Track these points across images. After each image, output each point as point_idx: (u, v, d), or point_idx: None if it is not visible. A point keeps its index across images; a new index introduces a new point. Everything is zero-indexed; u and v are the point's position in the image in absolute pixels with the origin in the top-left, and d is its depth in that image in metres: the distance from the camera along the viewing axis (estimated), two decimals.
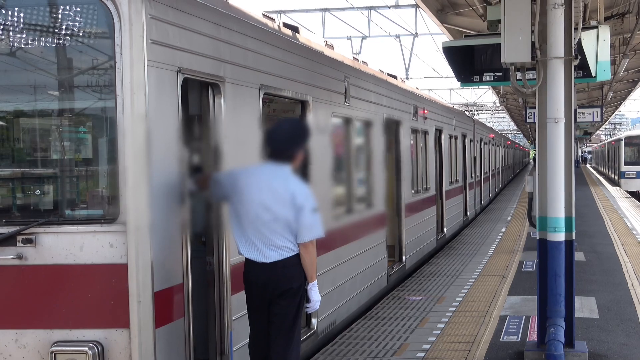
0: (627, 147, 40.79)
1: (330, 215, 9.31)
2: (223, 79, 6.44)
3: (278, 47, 7.89)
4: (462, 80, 9.47)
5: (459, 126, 21.53)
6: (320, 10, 26.32)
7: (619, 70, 21.24)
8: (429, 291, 11.88)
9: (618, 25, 16.65)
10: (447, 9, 17.66)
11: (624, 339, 8.90)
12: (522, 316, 10.00)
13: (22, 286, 5.41)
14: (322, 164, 9.04)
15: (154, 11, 5.47)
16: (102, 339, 5.31)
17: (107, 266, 5.32)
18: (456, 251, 16.48)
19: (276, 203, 5.77)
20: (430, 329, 9.42)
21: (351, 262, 10.20)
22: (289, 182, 5.85)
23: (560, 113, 7.78)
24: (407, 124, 13.97)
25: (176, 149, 5.75)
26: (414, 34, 28.01)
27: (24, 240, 5.39)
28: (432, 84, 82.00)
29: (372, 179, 11.45)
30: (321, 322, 8.88)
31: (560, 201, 7.83)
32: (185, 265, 5.80)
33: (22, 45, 5.47)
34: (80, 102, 5.68)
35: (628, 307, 10.49)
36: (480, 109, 59.32)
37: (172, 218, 5.69)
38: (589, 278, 12.70)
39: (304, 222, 5.78)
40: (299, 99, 8.39)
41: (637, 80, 33.69)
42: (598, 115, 23.40)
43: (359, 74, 10.99)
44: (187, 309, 5.82)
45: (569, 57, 7.81)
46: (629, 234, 18.83)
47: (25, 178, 5.85)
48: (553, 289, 7.88)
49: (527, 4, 7.59)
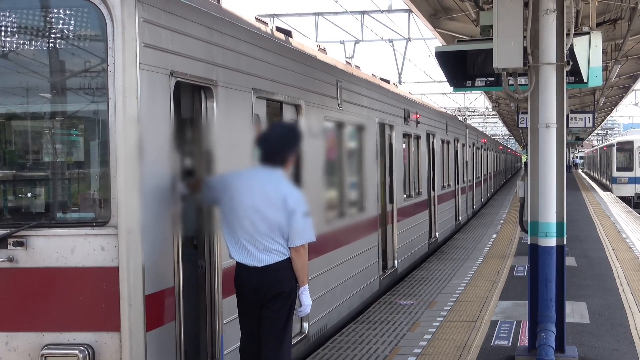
0: (619, 152, 40.86)
1: (322, 218, 9.32)
2: (215, 83, 6.44)
3: (271, 51, 7.90)
4: (454, 85, 9.49)
5: (451, 131, 21.57)
6: (313, 14, 26.35)
7: (610, 76, 21.32)
8: (421, 295, 11.88)
9: (610, 31, 16.70)
10: (440, 14, 17.71)
11: (614, 344, 8.92)
12: (513, 321, 10.02)
13: (13, 289, 5.40)
14: (315, 167, 9.04)
15: (147, 14, 5.47)
16: (92, 342, 5.30)
17: (99, 269, 5.31)
18: (448, 256, 16.49)
19: (268, 207, 5.77)
20: (422, 334, 9.43)
21: (343, 266, 10.20)
22: (281, 185, 5.86)
23: (552, 118, 7.80)
24: (400, 129, 13.99)
25: (168, 153, 5.75)
26: (407, 39, 28.07)
27: (15, 242, 5.38)
28: (424, 88, 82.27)
29: (364, 183, 11.46)
30: (312, 326, 8.87)
31: (551, 206, 7.85)
32: (176, 269, 5.80)
33: (14, 48, 5.47)
34: (72, 105, 5.68)
35: (619, 313, 10.51)
36: (473, 114, 59.41)
37: (163, 221, 5.69)
38: (580, 283, 12.72)
39: (295, 226, 5.78)
40: (291, 103, 8.39)
41: (628, 86, 33.83)
42: (590, 120, 23.44)
43: (351, 78, 11.01)
44: (178, 312, 5.82)
45: (560, 62, 7.84)
46: (620, 240, 18.87)
47: (17, 180, 5.83)
48: (544, 294, 7.90)
49: (520, 9, 7.61)
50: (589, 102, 34.71)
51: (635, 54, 22.01)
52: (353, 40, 27.31)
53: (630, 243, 18.13)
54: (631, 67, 25.49)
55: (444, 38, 18.83)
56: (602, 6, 15.42)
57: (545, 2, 7.70)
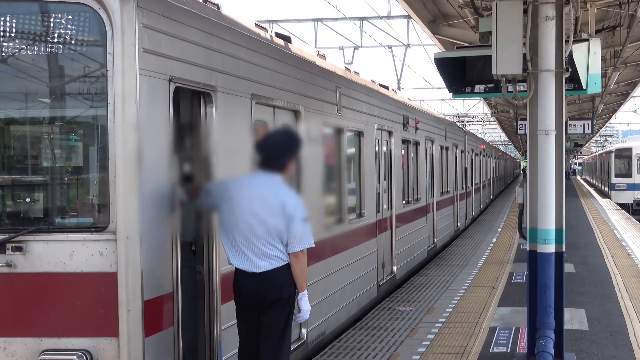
0: (618, 159, 40.87)
1: (321, 224, 9.31)
2: (215, 88, 6.45)
3: (270, 56, 7.91)
4: (453, 91, 9.49)
5: (450, 137, 21.58)
6: (312, 20, 26.38)
7: (609, 83, 21.29)
8: (419, 302, 11.87)
9: (609, 38, 16.71)
10: (439, 20, 17.70)
11: (613, 351, 8.91)
12: (512, 327, 10.01)
13: (11, 294, 5.40)
14: (314, 173, 9.04)
15: (146, 20, 5.48)
16: (90, 347, 5.29)
17: (97, 275, 5.31)
18: (447, 262, 16.48)
19: (267, 212, 5.77)
20: (420, 340, 9.42)
21: (341, 272, 10.20)
22: (280, 191, 5.85)
23: (551, 125, 7.81)
24: (399, 135, 14.00)
25: (167, 158, 5.75)
26: (406, 45, 28.08)
27: (14, 247, 5.37)
28: (423, 94, 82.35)
29: (363, 189, 11.46)
30: (311, 332, 8.86)
31: (550, 213, 7.85)
32: (175, 274, 5.79)
33: (13, 53, 5.47)
34: (71, 110, 5.68)
35: (617, 319, 10.51)
36: (472, 120, 59.39)
37: (162, 227, 5.68)
38: (579, 290, 12.72)
39: (294, 232, 5.78)
40: (290, 109, 8.40)
41: (627, 93, 33.81)
42: (589, 127, 23.43)
43: (350, 84, 11.01)
44: (176, 318, 5.81)
45: (560, 69, 7.85)
46: (619, 246, 18.87)
47: (16, 185, 5.83)
48: (543, 301, 7.89)
49: (519, 16, 7.63)
50: (587, 109, 34.70)
51: (634, 60, 22.00)
52: (352, 46, 27.33)
53: (629, 250, 18.13)
54: (630, 74, 25.48)
55: (443, 44, 18.82)
56: (602, 13, 15.42)
57: (544, 9, 7.71)
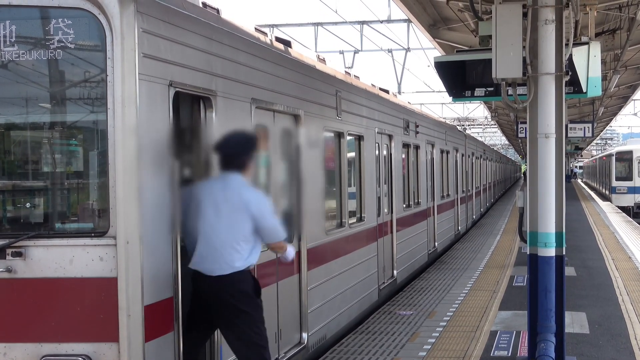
0: (618, 162, 40.85)
1: (321, 228, 9.31)
2: (215, 93, 6.45)
3: (270, 61, 7.91)
4: (453, 95, 9.49)
5: (451, 140, 21.58)
6: (313, 24, 26.36)
7: (609, 86, 21.31)
8: (420, 306, 11.86)
9: (609, 41, 16.71)
10: (439, 24, 17.72)
11: (614, 355, 8.90)
12: (513, 331, 10.00)
13: (11, 299, 5.39)
14: (314, 177, 9.04)
15: (146, 25, 5.48)
16: (91, 352, 5.29)
17: (97, 280, 5.31)
18: (447, 265, 16.47)
19: (230, 213, 5.84)
20: (421, 344, 9.41)
21: (342, 276, 10.19)
22: (242, 191, 5.94)
23: (551, 128, 7.81)
24: (399, 138, 14.00)
25: (167, 163, 5.75)
26: (406, 49, 28.07)
27: (14, 253, 5.37)
28: (424, 98, 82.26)
29: (364, 193, 11.45)
30: (311, 336, 8.85)
31: (550, 216, 7.84)
32: (175, 279, 5.79)
33: (13, 58, 5.47)
34: (71, 115, 5.68)
35: (618, 323, 10.50)
36: (472, 124, 59.45)
37: (162, 232, 5.68)
38: (580, 293, 12.70)
39: (265, 228, 5.94)
40: (290, 113, 8.40)
41: (628, 96, 33.85)
42: (589, 130, 23.45)
43: (351, 88, 11.02)
44: (176, 322, 5.81)
45: (559, 73, 7.85)
46: (620, 249, 18.86)
47: (16, 190, 5.83)
48: (543, 304, 7.89)
49: (518, 20, 7.63)
50: (588, 112, 34.69)
51: (634, 64, 22.01)
52: (352, 50, 27.33)
53: (630, 253, 18.12)
54: (630, 77, 25.49)
55: (443, 48, 18.84)
56: (601, 16, 15.43)
57: (544, 13, 7.71)
